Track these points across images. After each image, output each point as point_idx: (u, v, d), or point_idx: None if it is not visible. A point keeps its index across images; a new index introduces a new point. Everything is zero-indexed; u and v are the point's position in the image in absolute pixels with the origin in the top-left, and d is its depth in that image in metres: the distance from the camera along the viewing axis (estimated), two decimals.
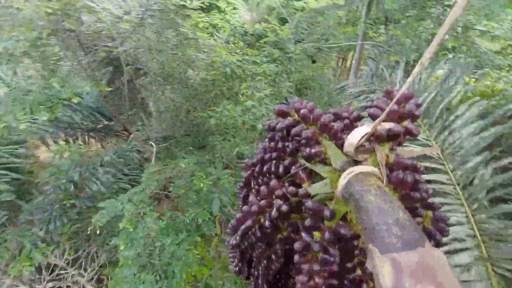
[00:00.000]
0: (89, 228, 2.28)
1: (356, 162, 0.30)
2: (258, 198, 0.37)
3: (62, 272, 2.46)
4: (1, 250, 2.27)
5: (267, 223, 0.33)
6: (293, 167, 0.35)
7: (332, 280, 0.29)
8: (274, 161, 0.39)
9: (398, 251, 0.19)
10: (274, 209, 0.33)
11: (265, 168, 0.40)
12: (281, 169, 0.38)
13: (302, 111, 0.34)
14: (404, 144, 0.33)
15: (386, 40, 3.97)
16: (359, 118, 0.35)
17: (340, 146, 0.33)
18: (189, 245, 2.31)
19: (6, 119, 2.42)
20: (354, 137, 0.30)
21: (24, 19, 2.51)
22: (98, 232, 2.22)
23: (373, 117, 0.31)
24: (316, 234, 0.30)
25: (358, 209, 0.24)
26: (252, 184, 0.45)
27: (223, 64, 3.76)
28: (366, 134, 0.29)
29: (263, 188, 0.36)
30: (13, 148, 2.74)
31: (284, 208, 0.32)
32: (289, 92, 3.48)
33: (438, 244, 0.31)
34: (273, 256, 0.38)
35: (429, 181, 1.65)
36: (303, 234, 0.31)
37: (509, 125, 1.62)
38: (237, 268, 0.43)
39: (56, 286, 2.47)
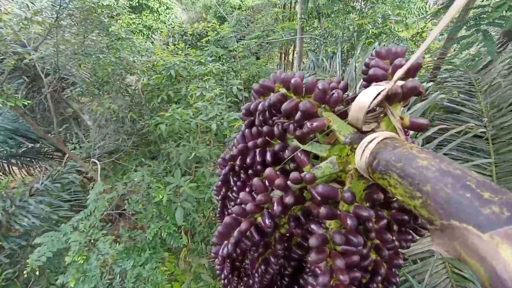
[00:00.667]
0: (25, 271, 1.90)
1: (364, 133, 0.26)
2: (250, 194, 0.31)
3: None
4: None
5: (267, 222, 0.27)
6: (286, 151, 0.30)
7: (354, 273, 0.25)
8: (259, 149, 0.33)
9: (509, 224, 0.13)
10: (276, 204, 0.27)
11: (248, 160, 0.34)
12: (268, 156, 0.32)
13: (293, 81, 0.28)
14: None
15: (321, 33, 4.29)
16: (347, 88, 0.30)
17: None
18: (156, 263, 2.13)
19: None
20: (364, 100, 0.25)
21: None
22: (38, 273, 1.86)
23: (375, 79, 0.26)
24: (332, 223, 0.26)
25: (408, 179, 0.18)
26: (232, 181, 0.38)
27: (166, 66, 3.56)
28: (380, 93, 0.24)
29: (256, 180, 0.30)
30: None
31: (289, 200, 0.27)
32: (238, 89, 3.48)
33: None
34: (272, 258, 0.32)
35: None
36: (313, 226, 0.26)
37: (429, 100, 1.91)
38: (225, 281, 0.37)
39: None
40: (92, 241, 2.07)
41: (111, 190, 2.47)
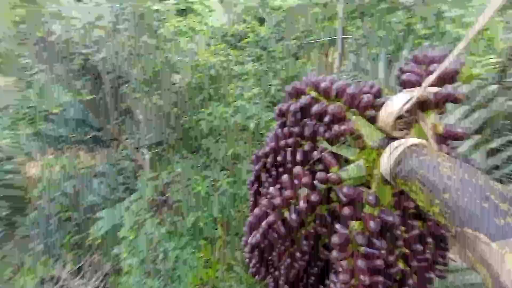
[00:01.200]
0: (88, 239, 2.24)
1: (393, 139, 0.26)
2: (278, 189, 0.33)
3: (66, 283, 2.41)
4: (3, 264, 2.19)
5: (293, 217, 0.29)
6: (315, 152, 0.32)
7: (377, 277, 0.25)
8: (290, 149, 0.35)
9: None
10: (302, 200, 0.29)
11: (279, 158, 0.36)
12: (298, 156, 0.33)
13: (322, 84, 0.30)
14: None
15: (364, 34, 4.14)
16: (380, 93, 0.30)
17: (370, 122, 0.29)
18: (193, 249, 2.33)
19: None
20: (394, 106, 0.25)
21: None
22: (99, 242, 2.19)
23: (409, 84, 0.26)
24: (355, 224, 0.26)
25: (429, 186, 0.19)
26: (263, 177, 0.41)
27: (207, 66, 3.79)
28: (410, 99, 0.24)
29: (284, 177, 0.32)
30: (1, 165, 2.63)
31: (315, 198, 0.29)
32: (277, 90, 3.56)
33: None
34: (298, 254, 0.34)
35: None
36: (337, 226, 0.28)
37: (492, 108, 1.70)
38: (254, 269, 0.39)
39: None
40: (141, 221, 2.34)
41: (157, 178, 2.74)
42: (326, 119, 0.29)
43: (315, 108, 0.30)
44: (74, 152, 3.45)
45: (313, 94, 0.31)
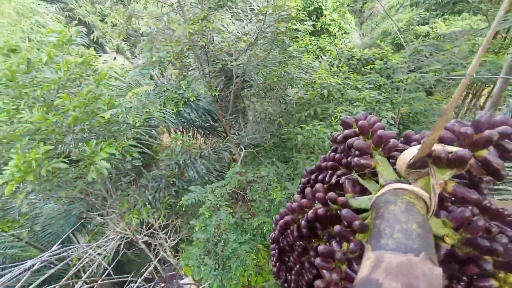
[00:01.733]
0: (178, 205, 2.75)
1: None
2: (301, 198, 0.37)
3: (154, 232, 3.09)
4: (125, 200, 3.07)
5: (303, 222, 0.34)
6: (343, 177, 0.35)
7: None
8: (329, 171, 0.38)
9: (387, 250, 0.19)
10: (311, 210, 0.33)
11: (320, 176, 0.40)
12: (334, 179, 0.37)
13: (360, 122, 0.33)
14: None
15: None
16: None
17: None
18: (250, 249, 2.42)
19: (149, 107, 3.28)
20: (408, 154, 0.27)
21: (175, 37, 3.36)
22: (184, 209, 2.65)
23: (443, 141, 0.27)
24: (345, 245, 0.29)
25: (376, 217, 0.23)
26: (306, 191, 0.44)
27: (322, 85, 3.83)
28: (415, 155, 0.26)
29: (308, 189, 0.37)
30: (149, 130, 3.69)
31: (321, 211, 0.32)
32: (389, 123, 3.16)
33: None
34: (306, 264, 0.37)
35: None
36: (333, 242, 0.31)
37: None
38: (275, 269, 0.43)
39: (148, 241, 3.11)
40: (218, 205, 2.65)
41: (244, 175, 3.03)
42: (355, 152, 0.32)
43: (349, 141, 0.33)
44: (194, 134, 4.35)
45: (356, 129, 0.34)
